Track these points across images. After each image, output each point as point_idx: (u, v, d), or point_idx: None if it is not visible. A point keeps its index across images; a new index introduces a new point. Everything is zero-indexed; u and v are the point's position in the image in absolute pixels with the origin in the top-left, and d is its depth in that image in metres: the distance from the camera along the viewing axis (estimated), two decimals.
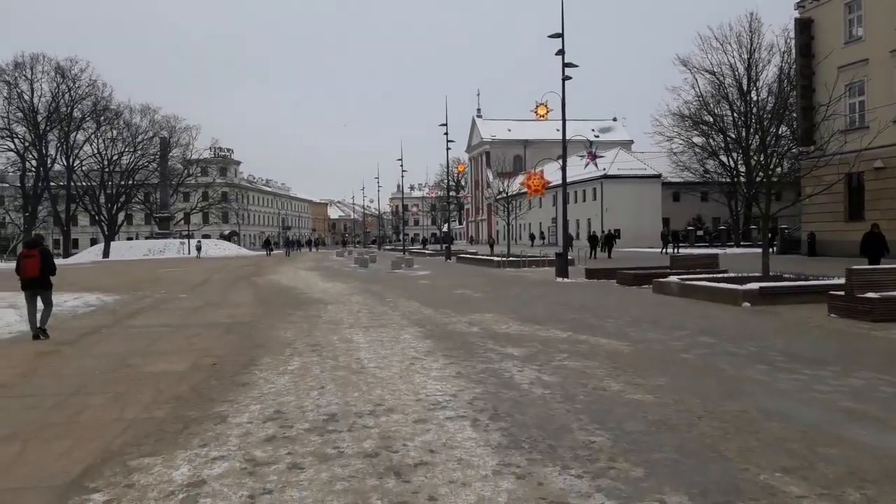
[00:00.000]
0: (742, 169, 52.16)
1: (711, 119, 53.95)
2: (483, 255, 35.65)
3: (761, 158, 49.71)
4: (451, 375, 7.37)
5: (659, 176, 62.26)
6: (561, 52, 22.32)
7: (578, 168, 48.28)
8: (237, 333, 11.14)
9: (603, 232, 36.48)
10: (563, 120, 22.42)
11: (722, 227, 62.75)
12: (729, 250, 41.54)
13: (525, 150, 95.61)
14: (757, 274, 17.50)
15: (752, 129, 51.96)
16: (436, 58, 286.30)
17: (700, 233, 62.43)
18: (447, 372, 7.56)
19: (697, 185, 60.31)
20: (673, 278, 17.19)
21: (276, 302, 16.67)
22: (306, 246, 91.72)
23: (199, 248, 64.36)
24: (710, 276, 17.80)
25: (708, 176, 56.35)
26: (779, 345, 9.06)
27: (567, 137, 23.63)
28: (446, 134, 41.50)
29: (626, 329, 10.78)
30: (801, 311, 12.49)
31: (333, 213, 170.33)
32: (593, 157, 24.70)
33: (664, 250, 39.37)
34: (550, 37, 22.29)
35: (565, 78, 22.60)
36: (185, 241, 67.42)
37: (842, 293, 12.13)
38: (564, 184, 22.73)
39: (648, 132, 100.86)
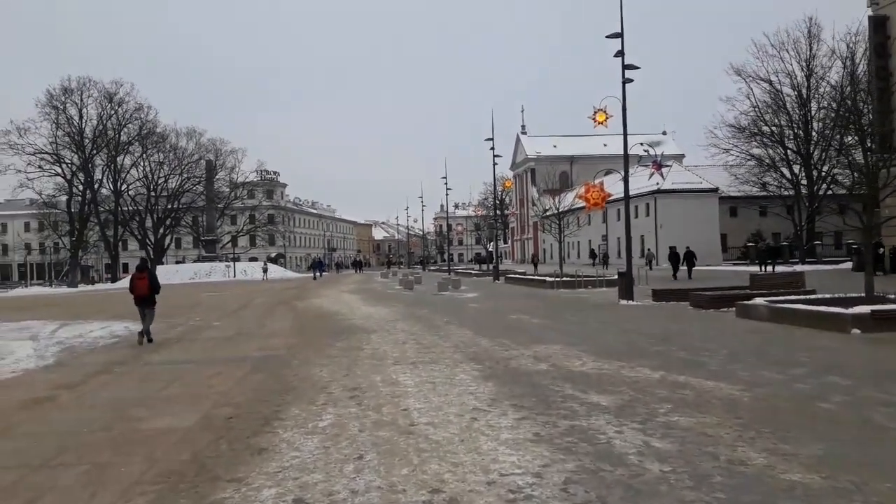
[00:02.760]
0: (804, 182, 49.24)
1: (769, 130, 51.15)
2: (533, 276, 33.72)
3: (826, 169, 46.63)
4: (529, 439, 5.62)
5: (716, 190, 59.45)
6: (621, 53, 20.54)
7: (640, 180, 45.66)
8: (266, 371, 9.60)
9: (686, 249, 33.40)
10: (625, 125, 20.56)
11: (784, 243, 59.50)
12: (795, 267, 38.81)
13: (571, 166, 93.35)
14: (854, 295, 15.33)
15: (813, 139, 49.08)
16: (478, 76, 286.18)
17: (762, 249, 59.28)
18: (522, 433, 5.82)
19: (756, 199, 57.26)
20: (759, 301, 15.10)
21: (314, 330, 15.16)
22: (352, 267, 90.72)
23: (265, 270, 61.57)
24: (801, 298, 15.66)
25: (768, 190, 53.36)
26: None
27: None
28: (493, 149, 39.91)
29: (729, 366, 8.86)
30: None
31: (378, 234, 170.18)
32: (659, 166, 22.75)
33: (763, 268, 35.41)
34: (609, 37, 20.52)
35: (626, 80, 20.77)
36: (231, 263, 67.10)
37: None
38: (627, 196, 20.79)
39: (703, 144, 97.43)
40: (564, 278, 28.71)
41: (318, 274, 58.99)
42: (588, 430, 5.85)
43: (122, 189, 68.16)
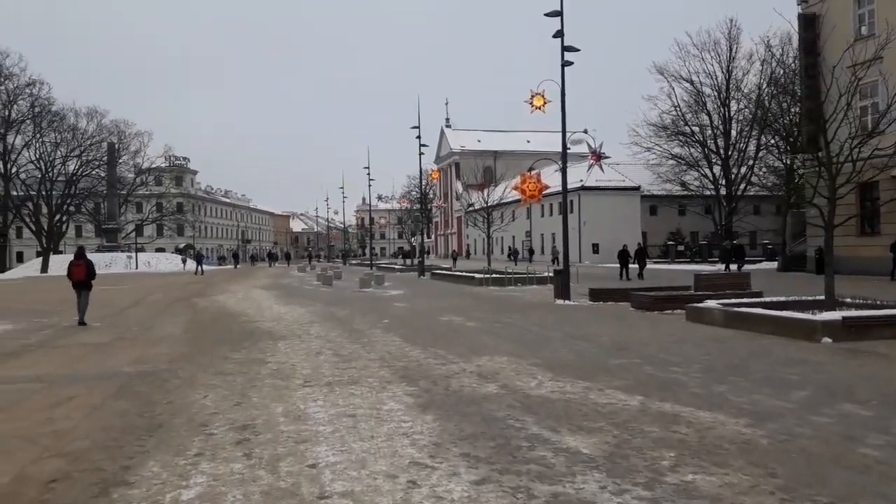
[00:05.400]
0: (723, 182, 49.78)
1: (690, 130, 51.44)
2: (461, 272, 32.04)
3: (744, 171, 47.03)
4: None
5: (638, 188, 59.70)
6: (560, 34, 19.01)
7: (571, 174, 44.17)
8: (132, 397, 7.35)
9: (638, 246, 31.44)
10: (563, 109, 19.06)
11: (703, 242, 60.34)
12: (714, 266, 38.76)
13: (495, 161, 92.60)
14: (808, 298, 14.39)
15: (732, 140, 49.65)
16: (403, 66, 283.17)
17: (681, 248, 59.92)
18: None
19: (676, 198, 57.71)
20: (712, 304, 13.86)
21: (210, 336, 12.82)
22: (267, 260, 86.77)
23: (199, 261, 52.91)
24: (755, 301, 14.53)
25: (688, 189, 53.72)
26: None
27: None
28: (419, 137, 37.92)
29: (713, 387, 7.31)
30: None
31: (296, 225, 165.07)
32: (598, 157, 21.45)
33: (727, 269, 32.54)
34: (548, 15, 18.94)
35: (565, 63, 19.29)
36: (134, 254, 62.37)
37: None
38: (565, 188, 19.29)
39: (625, 143, 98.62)
40: (494, 275, 27.18)
41: (200, 269, 50.97)
42: (579, 502, 4.05)
43: (13, 172, 62.15)
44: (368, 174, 57.06)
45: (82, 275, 15.00)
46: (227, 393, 7.43)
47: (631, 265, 29.39)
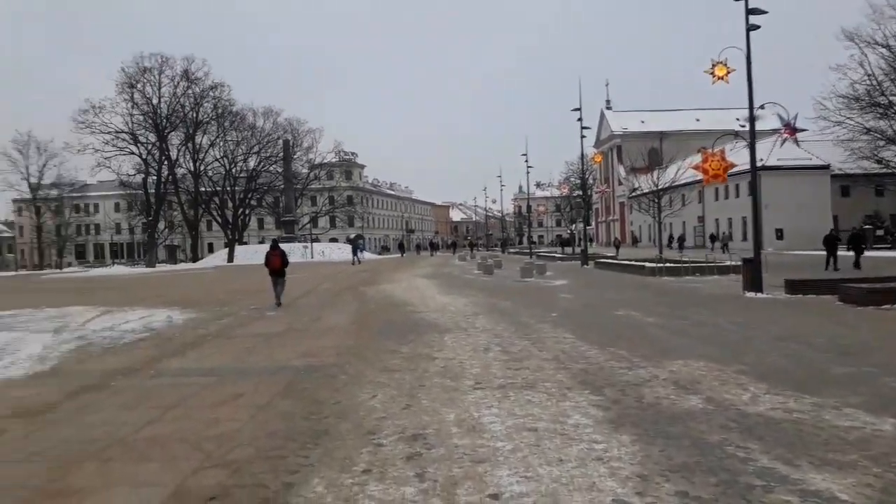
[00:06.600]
0: None
1: (886, 100, 44.95)
2: (628, 261, 30.23)
3: None
4: None
5: (827, 167, 53.62)
6: None
7: (759, 151, 39.88)
8: (299, 395, 7.03)
9: (854, 230, 26.94)
10: (749, 80, 16.91)
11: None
12: None
13: (661, 142, 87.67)
14: None
15: None
16: (565, 48, 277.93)
17: (880, 232, 53.11)
18: None
19: (872, 177, 51.01)
20: None
21: (377, 327, 12.58)
22: (429, 248, 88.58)
23: (356, 249, 48.24)
24: None
25: (888, 166, 47.19)
26: None
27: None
28: (580, 120, 36.26)
29: None
30: None
31: (455, 215, 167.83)
32: (793, 130, 18.96)
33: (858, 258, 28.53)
34: None
35: (750, 27, 17.13)
36: (309, 244, 66.01)
37: None
38: (754, 166, 17.18)
39: (811, 117, 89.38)
40: (667, 264, 25.22)
41: (357, 259, 46.53)
42: None
43: (201, 170, 68.03)
44: (526, 161, 56.14)
45: (278, 263, 16.93)
46: (395, 393, 6.89)
47: (845, 252, 25.06)
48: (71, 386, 7.81)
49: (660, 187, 27.93)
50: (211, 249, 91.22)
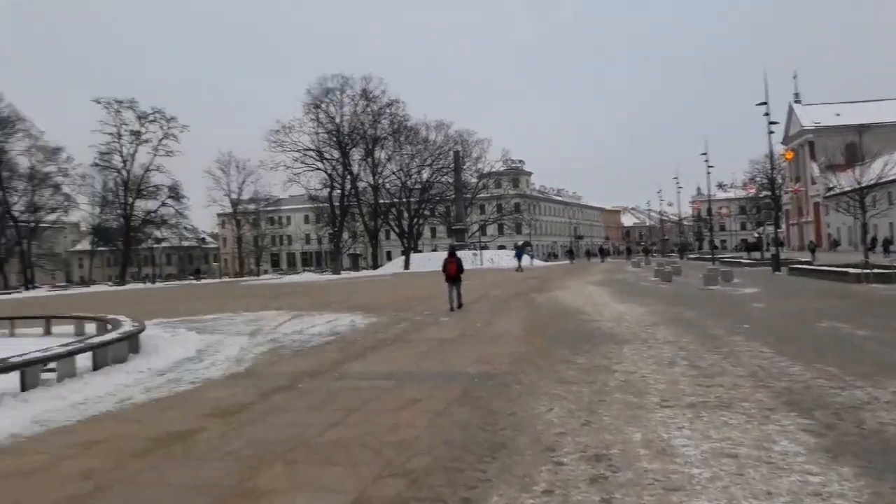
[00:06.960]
0: None
1: None
2: (827, 267, 27.23)
3: None
4: None
5: None
6: None
7: None
8: (474, 403, 6.90)
9: None
10: None
11: None
12: None
13: (860, 136, 78.72)
14: None
15: None
16: (744, 42, 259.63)
17: None
18: None
19: None
20: None
21: (549, 335, 12.25)
22: (599, 255, 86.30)
23: (520, 256, 50.02)
24: None
25: None
26: None
27: None
28: (767, 114, 33.38)
29: None
30: None
31: (627, 220, 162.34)
32: None
33: None
34: None
35: None
36: (478, 252, 67.05)
37: None
38: None
39: None
40: (875, 270, 22.38)
41: (520, 266, 47.19)
42: None
43: (380, 183, 71.63)
44: (706, 161, 52.84)
45: (454, 269, 17.69)
46: (573, 407, 6.55)
47: None
48: (263, 387, 8.31)
49: (863, 185, 24.82)
50: (389, 257, 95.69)
